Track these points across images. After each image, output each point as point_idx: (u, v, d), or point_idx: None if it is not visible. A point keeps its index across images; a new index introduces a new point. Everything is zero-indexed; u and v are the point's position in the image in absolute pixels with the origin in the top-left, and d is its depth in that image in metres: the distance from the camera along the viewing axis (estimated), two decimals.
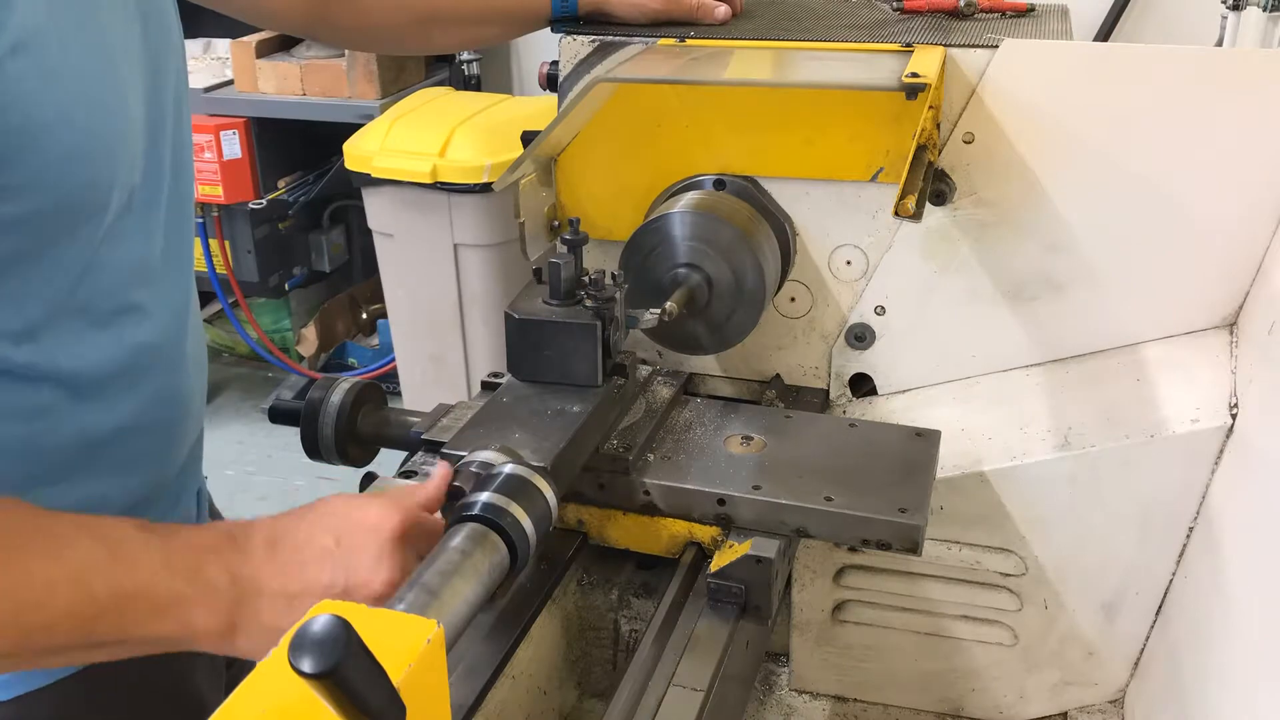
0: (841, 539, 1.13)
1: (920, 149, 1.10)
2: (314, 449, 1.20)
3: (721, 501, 1.08)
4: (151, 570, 0.83)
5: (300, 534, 0.87)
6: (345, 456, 1.20)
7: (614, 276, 1.11)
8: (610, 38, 1.36)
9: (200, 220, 3.49)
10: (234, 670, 1.27)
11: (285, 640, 0.57)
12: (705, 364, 1.38)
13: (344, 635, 0.56)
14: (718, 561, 1.05)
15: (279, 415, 1.25)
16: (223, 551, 0.85)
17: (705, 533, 1.10)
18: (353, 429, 1.18)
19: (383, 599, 0.84)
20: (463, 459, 0.98)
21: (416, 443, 1.18)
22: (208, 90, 3.50)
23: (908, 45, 1.25)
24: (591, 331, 1.08)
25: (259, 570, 0.85)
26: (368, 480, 1.20)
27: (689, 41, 1.36)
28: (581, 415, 1.06)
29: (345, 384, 1.19)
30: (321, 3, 1.37)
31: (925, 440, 1.17)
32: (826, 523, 1.07)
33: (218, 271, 3.63)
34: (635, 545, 1.14)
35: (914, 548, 1.04)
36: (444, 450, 1.03)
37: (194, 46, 3.80)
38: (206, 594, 0.83)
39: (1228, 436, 1.14)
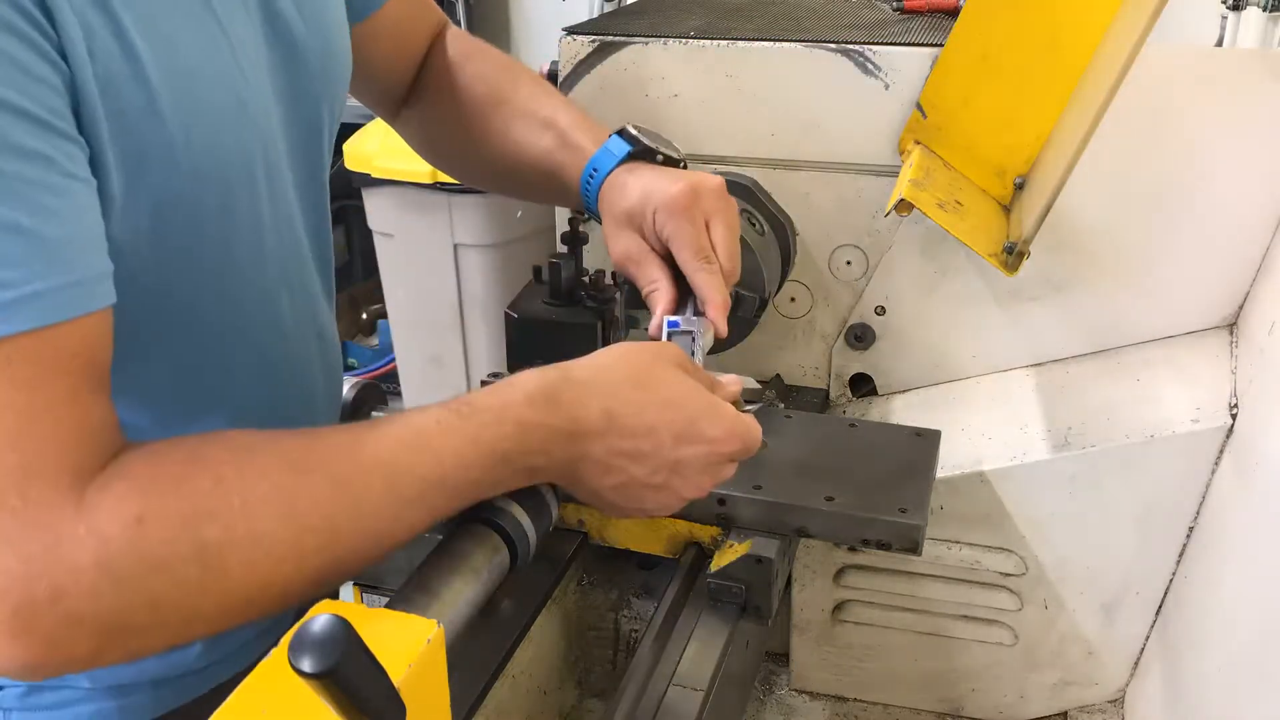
0: (842, 539, 1.13)
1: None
2: None
3: (722, 501, 1.08)
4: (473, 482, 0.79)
5: (642, 418, 0.84)
6: None
7: (614, 276, 1.11)
8: (611, 37, 1.36)
9: None
10: None
11: (285, 640, 0.57)
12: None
13: (344, 635, 0.56)
14: (718, 561, 1.05)
15: None
16: (550, 444, 0.82)
17: (705, 532, 1.10)
18: None
19: (683, 501, 0.86)
20: None
21: None
22: None
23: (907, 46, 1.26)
24: (591, 332, 1.08)
25: (588, 442, 0.83)
26: None
27: (691, 41, 1.36)
28: None
29: (345, 385, 1.19)
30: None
31: (925, 440, 1.17)
32: (827, 523, 1.06)
33: None
34: (635, 545, 1.14)
35: (914, 548, 1.04)
36: None
37: None
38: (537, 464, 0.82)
39: (1228, 436, 1.14)
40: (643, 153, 1.05)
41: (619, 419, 0.83)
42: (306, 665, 0.55)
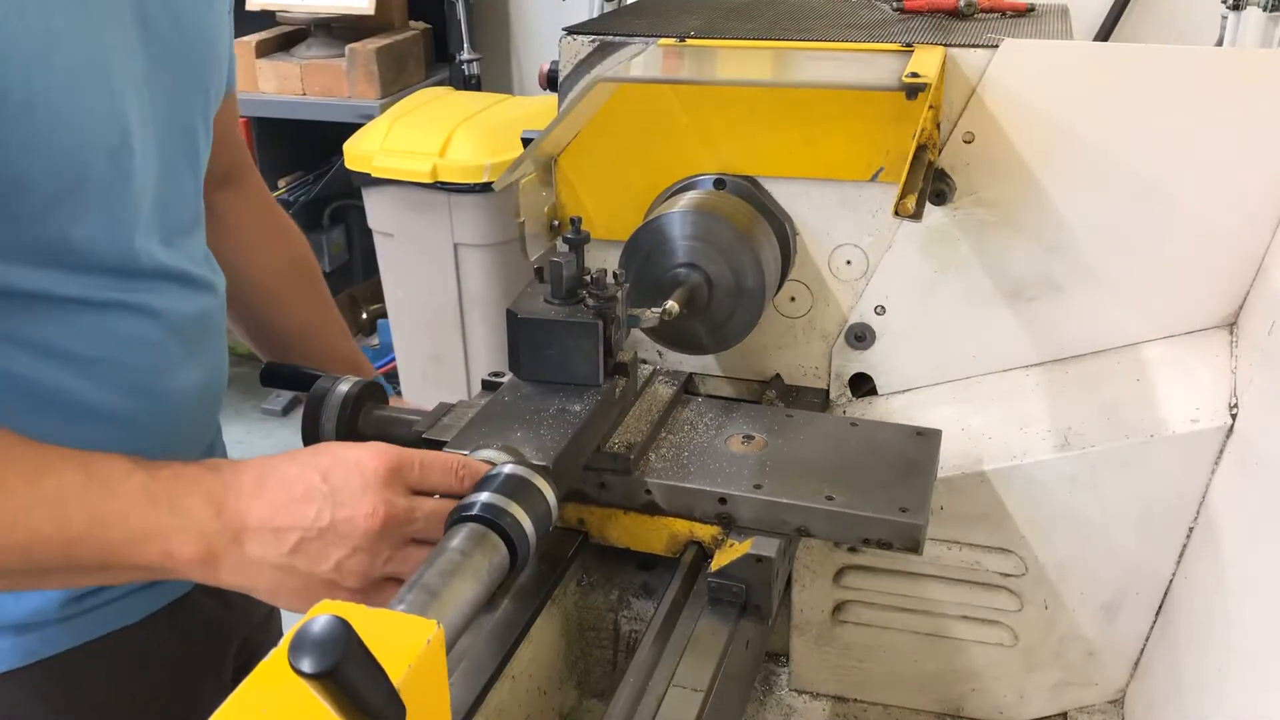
0: (843, 538, 1.13)
1: (920, 149, 1.10)
2: None
3: (723, 500, 1.08)
4: (130, 497, 0.85)
5: (289, 471, 0.88)
6: None
7: (615, 275, 1.11)
8: (611, 37, 1.36)
9: None
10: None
11: (285, 640, 0.57)
12: (705, 364, 1.38)
13: (344, 635, 0.56)
14: (718, 561, 1.05)
15: (272, 379, 1.27)
16: (208, 483, 0.87)
17: (706, 532, 1.10)
18: (354, 427, 1.19)
19: (368, 534, 0.86)
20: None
21: (417, 441, 1.18)
22: None
23: (908, 45, 1.26)
24: (593, 330, 1.08)
25: (244, 503, 0.86)
26: None
27: (689, 41, 1.36)
28: (583, 414, 1.06)
29: (346, 383, 1.19)
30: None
31: (926, 439, 1.17)
32: (827, 522, 1.07)
33: None
34: (636, 544, 1.14)
35: (915, 547, 1.04)
36: (445, 449, 1.03)
37: None
38: (187, 523, 0.85)
39: (1228, 436, 1.14)
40: None
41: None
42: (306, 665, 0.55)
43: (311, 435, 1.18)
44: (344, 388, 1.18)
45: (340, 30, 3.80)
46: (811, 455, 1.15)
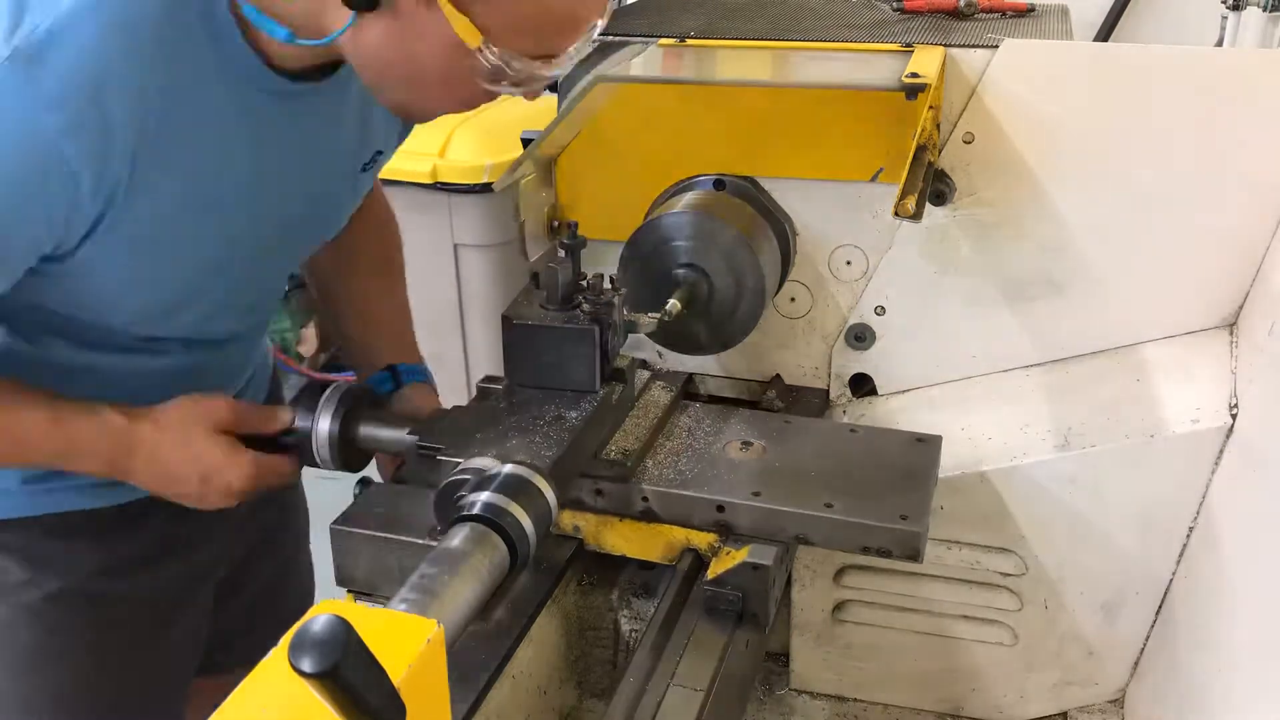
0: (842, 546, 1.12)
1: (920, 149, 1.10)
2: (311, 463, 1.19)
3: (721, 508, 1.07)
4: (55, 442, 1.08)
5: (173, 459, 1.11)
6: (344, 465, 1.19)
7: (612, 281, 1.10)
8: (611, 37, 1.36)
9: None
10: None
11: (285, 640, 0.57)
12: (705, 364, 1.38)
13: (344, 635, 0.56)
14: (714, 568, 1.04)
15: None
16: (114, 459, 1.10)
17: (702, 539, 1.09)
18: (346, 440, 1.16)
19: (227, 491, 1.12)
20: (459, 466, 0.97)
21: (413, 448, 1.17)
22: None
23: (908, 45, 1.26)
24: (589, 337, 1.07)
25: (138, 473, 1.12)
26: (363, 485, 1.20)
27: (689, 41, 1.36)
28: (579, 421, 1.05)
29: (333, 401, 1.16)
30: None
31: (926, 446, 1.16)
32: (826, 530, 1.06)
33: None
34: (633, 552, 1.13)
35: (915, 555, 1.03)
36: (440, 456, 1.02)
37: None
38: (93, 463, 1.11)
39: (1228, 436, 1.14)
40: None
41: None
42: (306, 665, 0.55)
43: (308, 459, 1.18)
44: (327, 417, 1.15)
45: None
46: (810, 462, 1.14)
